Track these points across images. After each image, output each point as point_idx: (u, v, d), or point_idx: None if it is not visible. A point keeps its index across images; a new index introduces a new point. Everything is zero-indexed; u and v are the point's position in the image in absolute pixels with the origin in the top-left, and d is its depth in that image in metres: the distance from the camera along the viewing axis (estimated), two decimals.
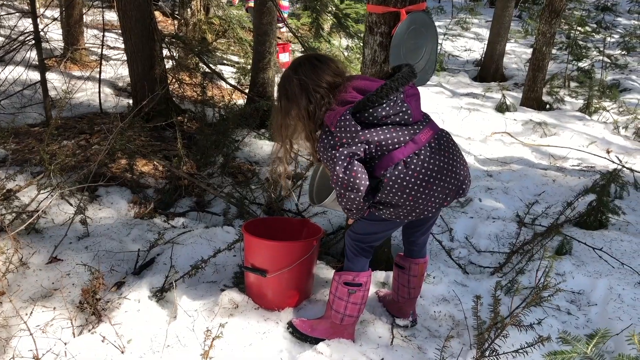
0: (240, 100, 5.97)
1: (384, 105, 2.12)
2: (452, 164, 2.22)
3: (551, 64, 8.16)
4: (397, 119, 2.15)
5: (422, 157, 2.14)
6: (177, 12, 8.41)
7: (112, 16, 9.10)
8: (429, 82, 7.61)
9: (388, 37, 2.76)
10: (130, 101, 5.38)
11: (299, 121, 2.26)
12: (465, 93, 7.49)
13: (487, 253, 3.59)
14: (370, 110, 2.12)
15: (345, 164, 2.08)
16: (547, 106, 6.91)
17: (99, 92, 5.46)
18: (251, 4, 8.05)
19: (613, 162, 4.82)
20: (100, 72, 5.60)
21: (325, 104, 2.18)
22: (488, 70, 8.53)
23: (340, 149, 2.10)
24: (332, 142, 2.14)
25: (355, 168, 2.08)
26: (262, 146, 5.11)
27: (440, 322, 2.83)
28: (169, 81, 5.20)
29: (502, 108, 6.55)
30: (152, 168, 4.37)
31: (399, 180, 2.12)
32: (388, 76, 2.30)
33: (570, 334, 1.59)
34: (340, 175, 2.09)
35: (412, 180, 2.13)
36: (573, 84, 7.99)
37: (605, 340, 1.48)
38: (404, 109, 2.16)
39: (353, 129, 2.09)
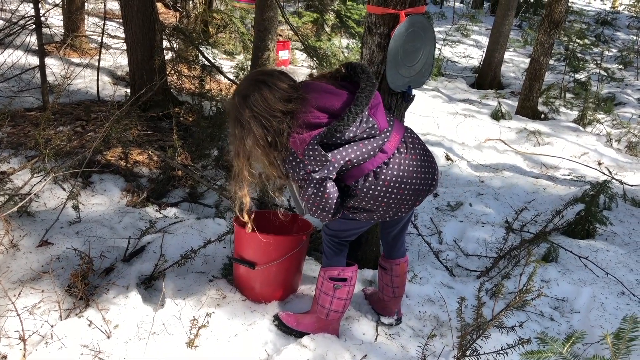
0: None
1: (351, 127, 2.06)
2: (420, 164, 2.25)
3: (548, 74, 8.22)
4: (365, 135, 2.11)
5: (391, 165, 2.16)
6: (179, 4, 8.42)
7: (113, 5, 9.09)
8: (425, 86, 7.66)
9: (386, 38, 2.78)
10: (128, 90, 5.39)
11: (258, 148, 2.12)
12: (462, 99, 7.54)
13: (475, 257, 3.63)
14: (338, 135, 2.04)
15: (316, 189, 2.08)
16: (542, 116, 6.96)
17: (97, 79, 5.47)
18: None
19: (603, 173, 4.87)
20: (99, 60, 5.61)
21: (286, 128, 2.05)
22: (485, 77, 8.58)
23: (312, 174, 2.06)
24: (301, 166, 2.08)
25: (327, 191, 2.08)
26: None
27: (425, 322, 2.87)
28: (167, 72, 5.22)
29: (497, 115, 6.60)
30: (146, 157, 4.38)
31: (370, 191, 2.15)
32: (343, 77, 2.26)
33: (547, 335, 1.62)
34: (312, 197, 2.10)
35: (384, 189, 2.16)
36: (569, 95, 8.06)
37: (581, 341, 1.51)
38: (370, 125, 2.11)
39: (323, 158, 2.03)
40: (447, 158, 5.17)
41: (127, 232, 3.37)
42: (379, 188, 2.15)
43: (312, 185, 2.07)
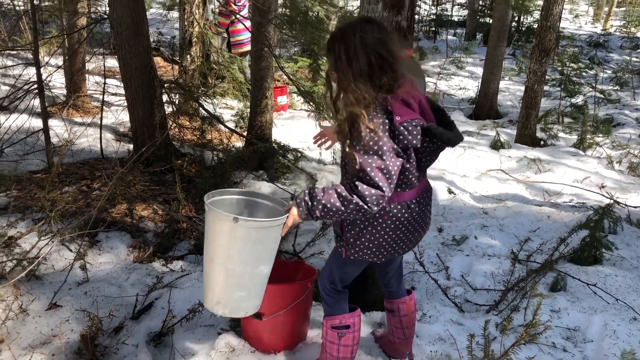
0: (238, 143, 6.07)
1: (430, 146, 2.15)
2: (428, 215, 2.38)
3: (544, 101, 8.30)
4: (424, 161, 2.21)
5: (417, 206, 2.26)
6: (177, 58, 8.62)
7: (113, 63, 9.31)
8: None
9: None
10: (131, 146, 5.49)
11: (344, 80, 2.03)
12: (461, 131, 7.59)
13: (483, 291, 3.62)
14: (432, 139, 2.12)
15: (392, 178, 2.01)
16: (542, 142, 7.00)
17: (100, 138, 5.58)
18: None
19: (606, 197, 4.87)
20: (101, 119, 5.73)
21: (389, 81, 2.02)
22: (483, 108, 8.67)
23: (398, 157, 2.03)
24: (389, 133, 2.00)
25: (392, 189, 2.05)
26: (261, 187, 5.18)
27: None
28: (169, 126, 5.32)
29: (496, 145, 6.65)
30: (151, 212, 4.43)
31: (396, 221, 2.20)
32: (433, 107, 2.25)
33: None
34: (383, 186, 1.99)
35: (405, 223, 2.23)
36: (567, 120, 8.11)
37: None
38: (435, 156, 2.24)
39: (414, 141, 2.03)
40: (450, 192, 5.20)
41: (134, 289, 3.39)
42: (404, 222, 2.22)
43: (387, 154, 1.99)
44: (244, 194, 2.56)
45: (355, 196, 2.01)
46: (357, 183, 2.01)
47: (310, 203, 2.08)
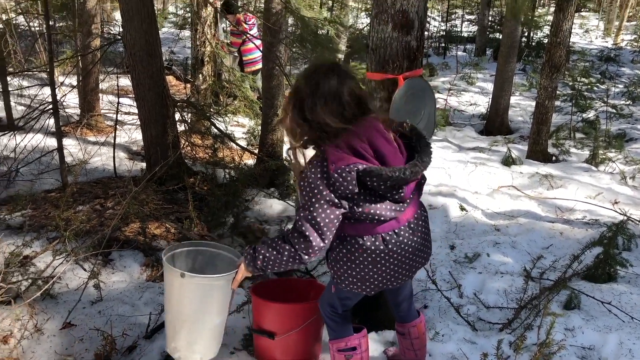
0: (250, 160, 6.12)
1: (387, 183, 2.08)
2: (423, 243, 2.30)
3: (556, 116, 8.27)
4: (389, 196, 2.14)
5: (399, 237, 2.19)
6: (189, 76, 8.72)
7: (126, 82, 9.44)
8: (435, 137, 7.75)
9: (387, 102, 2.89)
10: (144, 165, 5.55)
11: (295, 111, 2.10)
12: (472, 147, 7.60)
13: (496, 309, 3.59)
14: (375, 180, 2.05)
15: (322, 229, 2.03)
16: (553, 158, 6.98)
17: (114, 156, 5.64)
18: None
19: (620, 213, 4.84)
20: (114, 138, 5.80)
21: (334, 130, 2.03)
22: (493, 123, 8.66)
23: (332, 207, 2.03)
24: (324, 182, 2.02)
25: (328, 238, 2.07)
26: (272, 205, 5.21)
27: None
28: (181, 146, 5.37)
29: (508, 161, 6.63)
30: (164, 230, 4.46)
31: (372, 254, 2.17)
32: (402, 134, 2.25)
33: None
34: (304, 219, 2.04)
35: (386, 257, 2.19)
36: (578, 135, 8.08)
37: None
38: (399, 190, 2.14)
39: (350, 186, 2.01)
40: (462, 209, 5.19)
41: (148, 307, 3.41)
42: (382, 255, 2.18)
43: (321, 220, 2.02)
44: (203, 245, 2.78)
45: (287, 245, 2.09)
46: (290, 231, 2.10)
47: (253, 254, 2.18)
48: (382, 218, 2.14)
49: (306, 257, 2.07)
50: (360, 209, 2.10)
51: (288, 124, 2.14)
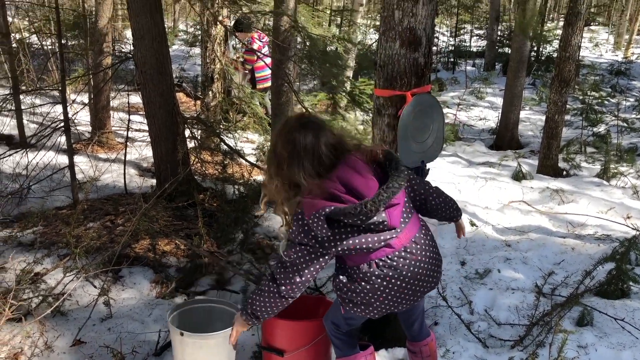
0: (259, 176, 6.13)
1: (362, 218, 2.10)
2: (427, 267, 2.27)
3: (566, 130, 8.23)
4: (372, 227, 2.14)
5: (393, 262, 2.19)
6: (199, 93, 8.79)
7: (137, 99, 9.53)
8: (444, 152, 7.74)
9: (395, 118, 2.90)
10: (154, 181, 5.58)
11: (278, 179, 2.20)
12: (482, 162, 7.57)
13: (507, 325, 3.56)
14: (345, 219, 2.08)
15: (298, 279, 2.18)
16: (564, 173, 6.93)
17: (124, 173, 5.68)
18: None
19: (632, 228, 4.79)
20: (125, 155, 5.85)
21: (302, 180, 2.11)
22: (503, 138, 8.64)
23: (311, 264, 2.15)
24: (306, 231, 2.12)
25: (303, 289, 2.22)
26: (281, 221, 5.20)
27: None
28: (191, 161, 5.40)
29: (518, 176, 6.59)
30: (173, 247, 4.48)
31: (370, 281, 2.19)
32: (378, 162, 2.27)
33: None
34: (289, 263, 2.18)
35: (384, 283, 2.18)
36: (589, 149, 8.03)
37: None
38: (380, 220, 2.14)
39: (325, 230, 2.06)
40: (472, 224, 5.16)
41: (157, 324, 3.41)
42: (379, 281, 2.17)
43: (301, 271, 2.17)
44: (210, 302, 3.08)
45: (265, 281, 2.28)
46: (273, 267, 2.25)
47: (246, 302, 2.35)
48: (371, 247, 2.16)
49: (282, 287, 2.20)
50: (345, 246, 2.14)
51: (271, 186, 2.23)
